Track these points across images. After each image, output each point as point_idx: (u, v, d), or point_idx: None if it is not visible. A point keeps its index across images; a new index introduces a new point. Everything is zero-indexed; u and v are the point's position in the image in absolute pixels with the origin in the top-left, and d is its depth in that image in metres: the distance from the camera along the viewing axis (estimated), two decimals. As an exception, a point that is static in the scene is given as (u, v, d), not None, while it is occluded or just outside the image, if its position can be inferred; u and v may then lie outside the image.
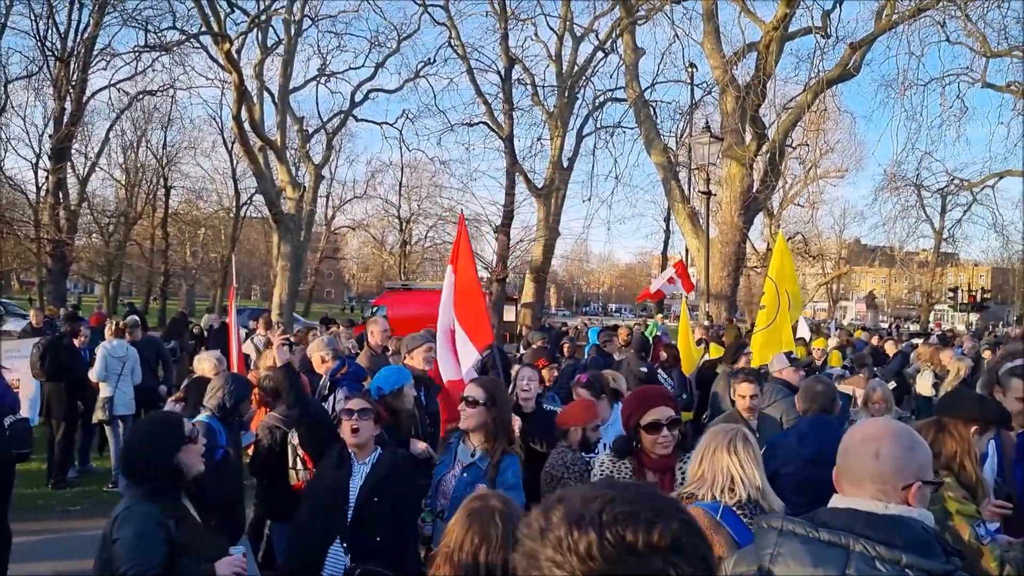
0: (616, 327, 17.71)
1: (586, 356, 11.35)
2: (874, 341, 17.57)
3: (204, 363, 6.64)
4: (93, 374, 9.68)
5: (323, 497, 4.12)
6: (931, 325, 44.22)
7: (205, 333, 16.53)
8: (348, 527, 3.92)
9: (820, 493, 3.88)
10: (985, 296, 45.67)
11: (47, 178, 30.16)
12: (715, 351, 10.76)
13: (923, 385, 10.17)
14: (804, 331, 14.46)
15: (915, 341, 18.69)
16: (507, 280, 32.70)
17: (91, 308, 29.50)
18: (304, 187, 26.05)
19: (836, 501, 1.97)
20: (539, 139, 30.09)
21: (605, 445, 4.73)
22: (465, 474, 4.34)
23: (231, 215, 45.99)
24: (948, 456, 3.34)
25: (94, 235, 41.24)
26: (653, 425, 3.58)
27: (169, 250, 43.54)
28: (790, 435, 4.86)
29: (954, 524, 3.16)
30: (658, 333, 12.12)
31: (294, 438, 5.25)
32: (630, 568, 0.95)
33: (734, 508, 2.97)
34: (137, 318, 12.48)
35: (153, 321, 34.05)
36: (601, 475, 3.65)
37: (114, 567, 3.07)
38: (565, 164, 29.45)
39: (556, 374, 8.28)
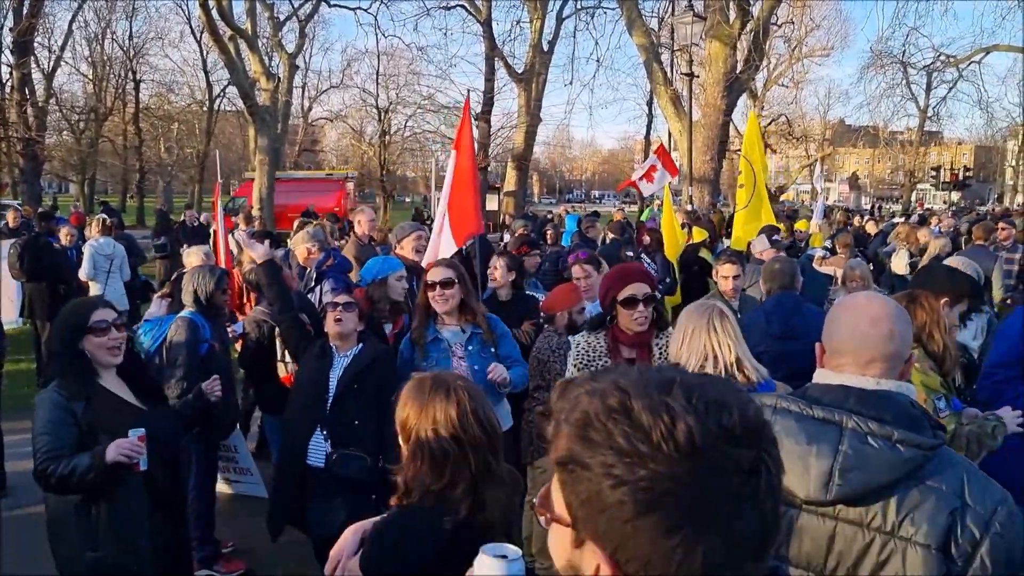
0: (597, 214, 17.69)
1: (567, 243, 11.37)
2: (856, 222, 17.65)
3: (192, 257, 6.61)
4: (82, 273, 9.64)
5: (305, 390, 4.18)
6: (913, 204, 44.42)
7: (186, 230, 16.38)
8: (327, 415, 3.98)
9: (792, 367, 3.97)
10: (967, 174, 45.72)
11: (11, 74, 29.15)
12: (698, 235, 10.80)
13: (898, 264, 10.26)
14: (819, 215, 14.57)
15: (896, 221, 18.82)
16: (488, 168, 32.40)
17: (67, 208, 29.14)
18: (278, 78, 25.37)
19: (825, 377, 1.96)
20: (518, 22, 29.31)
21: None
22: (470, 347, 4.40)
23: (204, 109, 44.84)
24: (918, 327, 3.34)
25: (64, 132, 40.22)
26: (630, 300, 3.64)
27: (143, 146, 42.63)
28: (759, 315, 4.94)
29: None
30: (651, 217, 12.09)
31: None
32: (727, 456, 0.83)
33: None
34: (106, 216, 12.36)
35: (131, 219, 33.70)
36: (577, 352, 3.71)
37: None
38: (545, 48, 28.76)
39: (539, 261, 8.30)
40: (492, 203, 30.40)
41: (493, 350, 4.42)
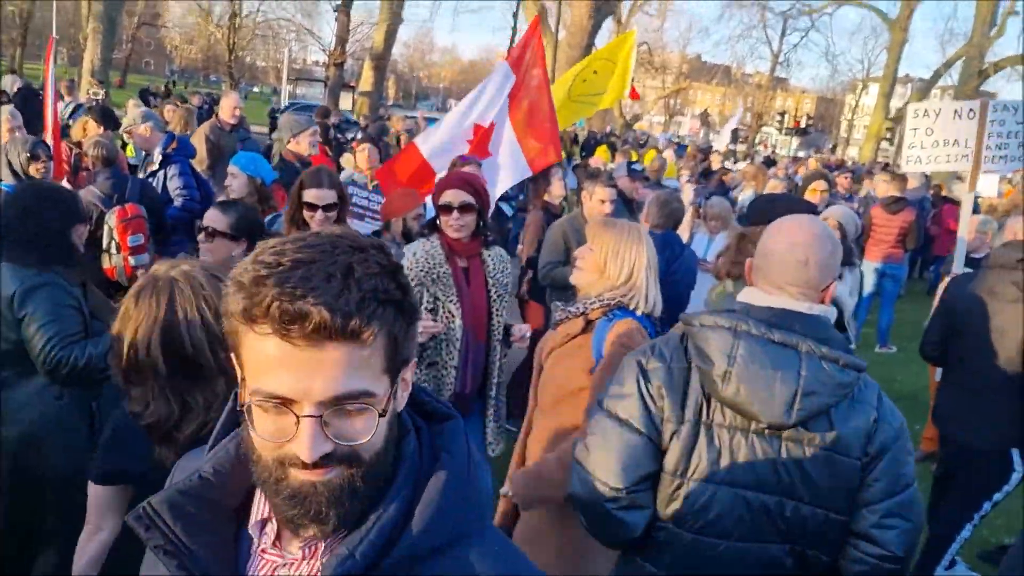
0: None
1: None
2: (709, 159, 18.18)
3: None
4: None
5: None
6: (757, 146, 46.51)
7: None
8: None
9: (671, 310, 4.06)
10: (809, 122, 48.27)
11: None
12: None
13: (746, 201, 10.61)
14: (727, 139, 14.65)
15: (740, 164, 19.63)
16: (344, 65, 31.22)
17: None
18: (117, -63, 23.04)
19: (758, 299, 1.97)
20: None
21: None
22: None
23: (30, -37, 40.30)
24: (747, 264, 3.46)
25: None
26: (445, 207, 3.50)
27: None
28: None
29: None
30: None
31: (111, 219, 4.82)
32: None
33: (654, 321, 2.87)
34: None
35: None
36: (416, 260, 3.49)
37: (30, 344, 2.91)
38: (415, -57, 27.57)
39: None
40: (346, 102, 29.38)
41: None
